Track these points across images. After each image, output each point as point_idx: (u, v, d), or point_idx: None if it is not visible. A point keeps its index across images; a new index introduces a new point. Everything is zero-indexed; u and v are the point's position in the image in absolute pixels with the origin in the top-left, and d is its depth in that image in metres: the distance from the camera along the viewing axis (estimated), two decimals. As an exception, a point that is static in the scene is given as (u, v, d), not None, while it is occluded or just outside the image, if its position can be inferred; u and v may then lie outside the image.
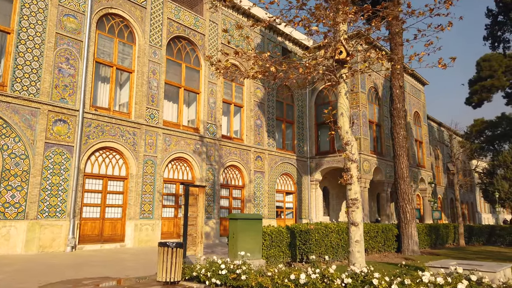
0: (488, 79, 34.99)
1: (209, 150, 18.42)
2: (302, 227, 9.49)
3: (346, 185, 6.52)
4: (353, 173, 6.47)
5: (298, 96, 25.01)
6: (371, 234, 11.94)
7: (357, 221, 6.33)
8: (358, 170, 6.59)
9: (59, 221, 12.74)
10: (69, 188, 13.16)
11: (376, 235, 12.22)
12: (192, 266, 7.04)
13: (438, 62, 6.06)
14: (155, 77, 16.53)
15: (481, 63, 35.96)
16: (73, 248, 12.84)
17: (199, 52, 18.81)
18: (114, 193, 14.81)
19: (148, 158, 15.80)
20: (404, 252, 12.92)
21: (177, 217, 16.91)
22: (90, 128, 14.08)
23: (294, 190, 23.74)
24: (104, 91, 15.49)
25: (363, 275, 5.17)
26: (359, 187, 6.46)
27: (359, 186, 6.44)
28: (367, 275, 5.13)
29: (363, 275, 5.17)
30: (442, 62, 6.01)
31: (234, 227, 7.75)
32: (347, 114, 6.87)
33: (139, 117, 15.76)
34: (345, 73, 6.80)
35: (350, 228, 6.38)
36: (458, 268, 4.90)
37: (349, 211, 6.39)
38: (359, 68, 6.32)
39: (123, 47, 15.97)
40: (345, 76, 6.84)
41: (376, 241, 12.23)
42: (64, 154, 13.23)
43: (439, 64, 6.05)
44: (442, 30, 6.20)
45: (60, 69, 13.51)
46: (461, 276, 4.72)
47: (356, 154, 6.64)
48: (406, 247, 12.96)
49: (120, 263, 10.05)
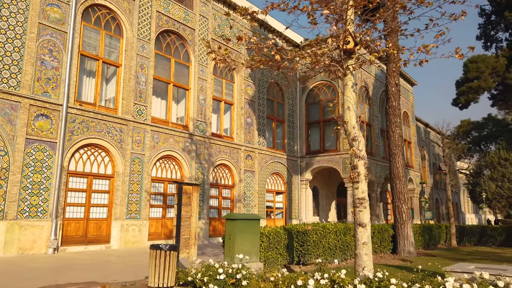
0: (475, 80, 35.28)
1: (198, 148, 17.87)
2: (299, 228, 9.07)
3: (352, 183, 6.11)
4: (361, 170, 6.07)
5: (289, 94, 24.65)
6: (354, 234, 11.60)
7: (364, 222, 5.93)
8: (366, 168, 6.19)
9: (40, 221, 12.05)
10: (52, 187, 12.47)
11: (372, 235, 11.89)
12: (186, 270, 6.54)
13: (456, 51, 5.72)
14: (143, 72, 15.90)
15: (468, 65, 36.23)
16: (55, 250, 12.16)
17: (189, 48, 18.25)
18: (100, 192, 14.15)
19: (135, 156, 15.17)
20: (400, 253, 12.64)
21: (165, 217, 16.32)
22: (74, 124, 13.39)
23: (284, 189, 23.35)
24: (90, 85, 14.80)
25: (377, 281, 4.77)
26: (366, 186, 6.07)
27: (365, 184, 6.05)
28: (382, 280, 4.74)
29: (377, 281, 4.77)
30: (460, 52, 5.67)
31: (232, 228, 7.28)
32: (354, 108, 6.48)
33: (126, 113, 15.12)
34: (352, 64, 6.40)
35: (357, 229, 5.98)
36: (483, 273, 4.53)
37: (356, 211, 5.99)
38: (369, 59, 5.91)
39: (109, 40, 15.30)
40: (352, 68, 6.43)
41: (372, 242, 11.89)
42: (46, 150, 12.53)
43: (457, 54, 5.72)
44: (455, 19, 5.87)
45: (42, 61, 12.80)
46: (486, 282, 4.37)
47: (363, 150, 6.25)
48: (402, 248, 12.69)
49: (106, 266, 9.47)
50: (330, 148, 23.99)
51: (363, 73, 25.12)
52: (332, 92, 24.22)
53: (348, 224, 10.92)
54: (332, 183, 27.54)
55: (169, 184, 16.69)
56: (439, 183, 44.39)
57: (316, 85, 24.98)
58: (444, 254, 13.42)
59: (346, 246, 10.32)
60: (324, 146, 24.31)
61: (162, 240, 15.82)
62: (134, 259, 11.06)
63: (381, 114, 27.76)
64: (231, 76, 20.74)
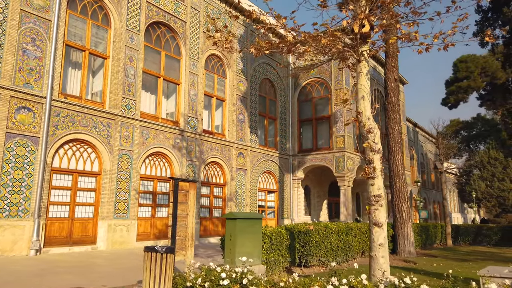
0: (464, 80, 35.36)
1: (189, 145, 17.21)
2: (301, 228, 8.55)
3: (367, 180, 5.61)
4: (377, 165, 5.58)
5: (281, 91, 24.15)
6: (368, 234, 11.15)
7: (381, 221, 5.44)
8: (381, 162, 5.70)
9: (21, 221, 11.25)
10: (34, 184, 11.68)
11: (373, 235, 11.45)
12: (184, 275, 5.94)
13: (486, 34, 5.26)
14: (132, 64, 15.18)
15: (458, 64, 36.32)
16: (37, 251, 11.38)
17: (180, 40, 17.56)
18: (85, 190, 13.39)
19: (123, 152, 14.45)
20: (400, 253, 12.24)
21: (154, 216, 15.62)
22: (58, 118, 12.61)
23: (276, 188, 22.84)
24: (75, 77, 14.02)
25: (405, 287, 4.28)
26: (382, 181, 5.59)
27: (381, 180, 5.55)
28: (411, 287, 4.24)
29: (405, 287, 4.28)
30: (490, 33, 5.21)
31: (233, 228, 6.70)
32: (369, 97, 5.98)
33: (114, 107, 14.38)
34: (367, 50, 5.90)
35: (373, 230, 5.48)
36: (529, 278, 4.09)
37: (371, 210, 5.49)
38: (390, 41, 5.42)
39: (97, 30, 14.54)
40: (367, 54, 5.94)
41: (374, 242, 11.47)
42: (29, 146, 11.73)
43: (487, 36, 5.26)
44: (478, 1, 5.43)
45: (25, 50, 11.99)
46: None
47: (379, 143, 5.76)
48: (402, 248, 12.29)
49: (93, 269, 8.78)
50: (323, 146, 23.58)
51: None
52: (325, 90, 23.81)
53: (350, 224, 10.47)
54: (324, 182, 27.15)
55: (158, 182, 16.00)
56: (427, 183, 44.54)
57: (309, 82, 24.54)
58: (443, 254, 13.10)
59: (348, 247, 9.85)
60: (317, 144, 23.89)
61: (151, 241, 15.13)
62: (123, 261, 10.39)
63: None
64: (223, 72, 20.12)
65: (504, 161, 30.01)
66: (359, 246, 10.59)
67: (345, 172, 21.93)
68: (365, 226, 11.13)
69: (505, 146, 33.15)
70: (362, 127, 5.87)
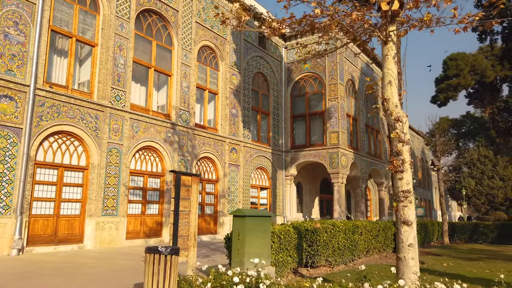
0: (454, 78, 35.38)
1: (181, 140, 16.50)
2: (308, 226, 8.01)
3: (395, 174, 5.09)
4: (406, 157, 5.07)
5: (274, 86, 23.58)
6: (373, 232, 10.71)
7: (410, 220, 4.93)
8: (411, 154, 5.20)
9: (2, 218, 10.41)
10: (16, 179, 10.84)
11: (377, 234, 11.01)
12: (190, 279, 5.33)
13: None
14: (122, 53, 14.38)
15: (448, 62, 36.33)
16: (20, 251, 10.56)
17: (172, 30, 16.80)
18: (72, 186, 12.58)
19: (112, 146, 13.67)
20: (404, 252, 11.84)
21: (144, 214, 14.89)
22: (43, 108, 11.77)
23: (268, 185, 22.29)
24: (61, 65, 13.16)
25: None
26: (411, 175, 5.09)
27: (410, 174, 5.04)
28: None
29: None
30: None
31: (241, 226, 6.11)
32: (396, 83, 5.46)
33: (103, 98, 13.57)
34: (394, 30, 5.36)
35: (401, 228, 4.97)
36: None
37: (399, 207, 4.98)
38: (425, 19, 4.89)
39: (84, 16, 13.69)
40: (394, 35, 5.41)
41: (378, 241, 11.02)
42: (10, 137, 10.88)
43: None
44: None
45: (6, 34, 11.11)
46: None
47: (408, 134, 5.24)
48: (405, 246, 11.89)
49: (82, 271, 8.07)
50: (316, 142, 23.13)
51: (349, 66, 24.41)
52: (319, 85, 23.35)
53: (356, 222, 9.99)
54: (316, 178, 26.75)
55: (149, 178, 15.26)
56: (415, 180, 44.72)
57: (302, 77, 24.05)
58: (445, 253, 12.78)
59: (354, 246, 9.37)
60: (310, 140, 23.43)
61: (141, 239, 14.41)
62: (114, 261, 9.68)
63: (366, 109, 27.19)
64: (215, 64, 19.43)
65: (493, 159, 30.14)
66: (364, 245, 10.13)
67: (339, 169, 21.53)
68: (370, 224, 10.69)
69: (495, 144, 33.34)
70: (389, 115, 5.34)
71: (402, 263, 4.91)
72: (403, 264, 4.90)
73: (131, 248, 12.90)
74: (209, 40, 18.79)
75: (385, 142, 29.78)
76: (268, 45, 23.28)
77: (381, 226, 11.29)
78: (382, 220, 23.75)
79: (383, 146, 29.42)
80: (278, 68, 24.00)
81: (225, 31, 19.86)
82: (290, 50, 24.56)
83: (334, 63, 22.63)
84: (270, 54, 23.28)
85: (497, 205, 29.48)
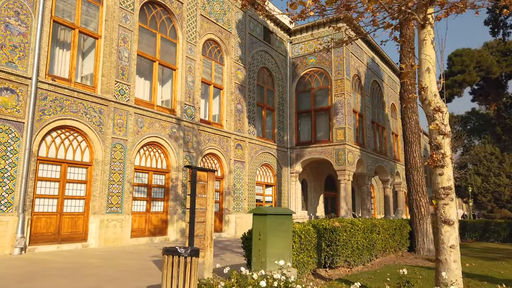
0: (459, 74, 35.01)
1: (186, 135, 16.07)
2: (326, 225, 7.61)
3: (434, 169, 4.68)
4: (447, 150, 4.66)
5: (279, 81, 23.14)
6: (390, 231, 10.33)
7: (452, 219, 4.54)
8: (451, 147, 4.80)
9: (4, 216, 9.99)
10: (18, 175, 10.41)
11: (394, 232, 10.62)
12: (210, 282, 4.92)
13: None
14: (126, 46, 13.93)
15: (453, 58, 35.94)
16: (22, 250, 10.15)
17: (176, 23, 16.34)
18: (75, 182, 12.16)
19: (117, 141, 13.24)
20: (419, 251, 11.46)
21: (149, 211, 14.48)
22: (45, 102, 11.33)
23: (274, 182, 21.89)
24: (64, 58, 12.72)
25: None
26: (452, 171, 4.69)
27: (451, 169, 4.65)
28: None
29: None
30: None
31: (262, 225, 5.70)
32: (435, 70, 5.06)
33: (107, 92, 13.13)
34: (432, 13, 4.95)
35: (442, 229, 4.57)
36: None
37: (439, 205, 4.58)
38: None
39: (87, 8, 13.22)
40: (432, 18, 5.00)
41: (394, 240, 10.64)
42: (12, 132, 10.45)
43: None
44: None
45: (7, 24, 10.66)
46: None
47: (448, 126, 4.84)
48: (421, 245, 11.51)
49: (89, 272, 7.66)
50: (322, 138, 22.72)
51: (356, 61, 23.98)
52: (325, 80, 22.91)
53: (373, 220, 9.60)
54: (320, 175, 26.38)
55: (154, 175, 14.84)
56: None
57: (307, 72, 23.61)
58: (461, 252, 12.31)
59: (372, 245, 8.98)
60: (316, 136, 23.01)
61: (146, 238, 14.02)
62: (121, 261, 9.27)
63: (372, 105, 26.79)
64: (220, 58, 18.99)
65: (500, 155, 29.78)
66: (382, 244, 9.74)
67: (346, 166, 21.13)
68: (388, 223, 10.30)
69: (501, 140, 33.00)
70: (427, 105, 4.93)
71: (443, 266, 4.52)
72: (444, 267, 4.51)
73: (136, 247, 12.50)
74: (214, 33, 18.34)
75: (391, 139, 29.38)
76: (273, 39, 22.83)
77: (397, 225, 10.90)
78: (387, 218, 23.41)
79: (389, 143, 29.04)
80: (283, 63, 23.56)
81: (230, 25, 19.40)
82: (295, 45, 24.12)
83: (341, 57, 22.20)
84: (275, 49, 22.84)
85: (503, 203, 29.15)
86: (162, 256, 4.79)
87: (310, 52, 23.40)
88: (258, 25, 21.70)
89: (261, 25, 21.90)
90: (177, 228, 15.11)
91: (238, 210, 18.61)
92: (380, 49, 27.49)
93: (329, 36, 22.62)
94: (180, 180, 15.46)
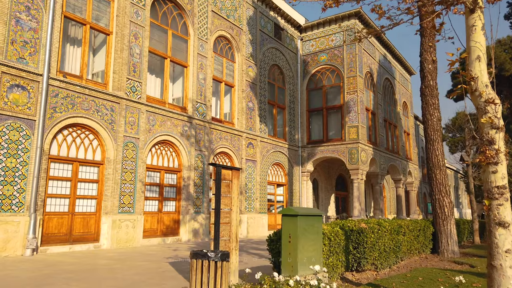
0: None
1: (198, 134, 15.75)
2: (352, 226, 7.24)
3: (486, 166, 4.30)
4: (501, 146, 4.28)
5: (290, 79, 22.75)
6: (415, 233, 9.93)
7: (507, 221, 4.15)
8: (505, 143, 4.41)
9: (15, 216, 9.72)
10: (29, 174, 10.14)
11: (418, 234, 10.22)
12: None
13: None
14: (137, 42, 13.62)
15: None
16: (34, 251, 9.88)
17: (187, 19, 16.02)
18: (87, 182, 11.87)
19: (128, 139, 12.94)
20: (443, 253, 11.04)
21: (161, 211, 14.17)
22: (57, 99, 11.05)
23: (285, 182, 21.52)
24: (75, 54, 12.44)
25: None
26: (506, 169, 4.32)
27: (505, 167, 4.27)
28: None
29: None
30: None
31: (293, 227, 5.35)
32: (485, 58, 4.68)
33: (119, 89, 12.84)
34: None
35: (495, 231, 4.19)
36: None
37: (492, 205, 4.20)
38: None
39: (98, 3, 12.93)
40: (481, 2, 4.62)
41: (418, 241, 10.23)
42: (23, 130, 10.17)
43: None
44: None
45: (18, 20, 10.38)
46: None
47: (502, 119, 4.45)
48: (445, 247, 11.09)
49: (104, 275, 7.34)
50: (334, 137, 22.30)
51: (368, 58, 23.54)
52: (337, 77, 22.49)
53: (399, 221, 9.21)
54: (331, 175, 25.97)
55: (166, 174, 14.53)
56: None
57: (319, 69, 23.20)
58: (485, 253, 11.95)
59: (398, 248, 8.60)
60: (328, 135, 22.60)
61: (158, 238, 13.71)
62: (136, 263, 8.95)
63: (384, 103, 26.32)
64: (231, 55, 18.65)
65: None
66: (407, 246, 9.36)
67: (359, 165, 20.71)
68: (412, 224, 9.90)
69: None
70: (478, 96, 4.54)
71: (498, 272, 4.15)
72: (498, 273, 4.14)
73: (148, 248, 12.19)
74: (225, 30, 18.00)
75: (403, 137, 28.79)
76: (284, 36, 22.45)
77: (421, 226, 10.49)
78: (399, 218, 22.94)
79: (401, 141, 28.55)
80: (293, 61, 23.18)
81: (241, 21, 19.06)
82: (306, 42, 23.72)
83: (353, 54, 21.77)
84: (285, 46, 22.47)
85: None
86: (189, 259, 4.46)
87: (321, 49, 23.01)
88: (269, 22, 21.34)
89: (272, 21, 21.53)
90: (189, 229, 14.79)
91: (250, 210, 18.27)
92: (392, 46, 27.02)
93: (341, 33, 22.21)
94: (192, 180, 15.15)
